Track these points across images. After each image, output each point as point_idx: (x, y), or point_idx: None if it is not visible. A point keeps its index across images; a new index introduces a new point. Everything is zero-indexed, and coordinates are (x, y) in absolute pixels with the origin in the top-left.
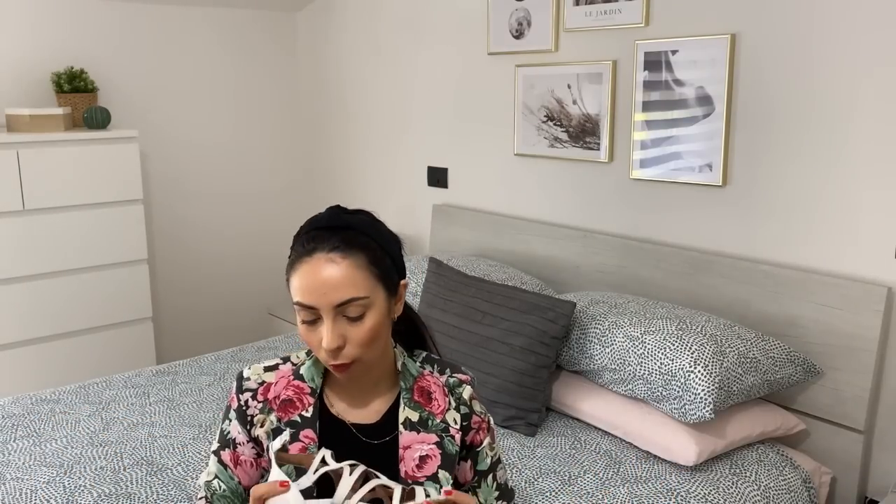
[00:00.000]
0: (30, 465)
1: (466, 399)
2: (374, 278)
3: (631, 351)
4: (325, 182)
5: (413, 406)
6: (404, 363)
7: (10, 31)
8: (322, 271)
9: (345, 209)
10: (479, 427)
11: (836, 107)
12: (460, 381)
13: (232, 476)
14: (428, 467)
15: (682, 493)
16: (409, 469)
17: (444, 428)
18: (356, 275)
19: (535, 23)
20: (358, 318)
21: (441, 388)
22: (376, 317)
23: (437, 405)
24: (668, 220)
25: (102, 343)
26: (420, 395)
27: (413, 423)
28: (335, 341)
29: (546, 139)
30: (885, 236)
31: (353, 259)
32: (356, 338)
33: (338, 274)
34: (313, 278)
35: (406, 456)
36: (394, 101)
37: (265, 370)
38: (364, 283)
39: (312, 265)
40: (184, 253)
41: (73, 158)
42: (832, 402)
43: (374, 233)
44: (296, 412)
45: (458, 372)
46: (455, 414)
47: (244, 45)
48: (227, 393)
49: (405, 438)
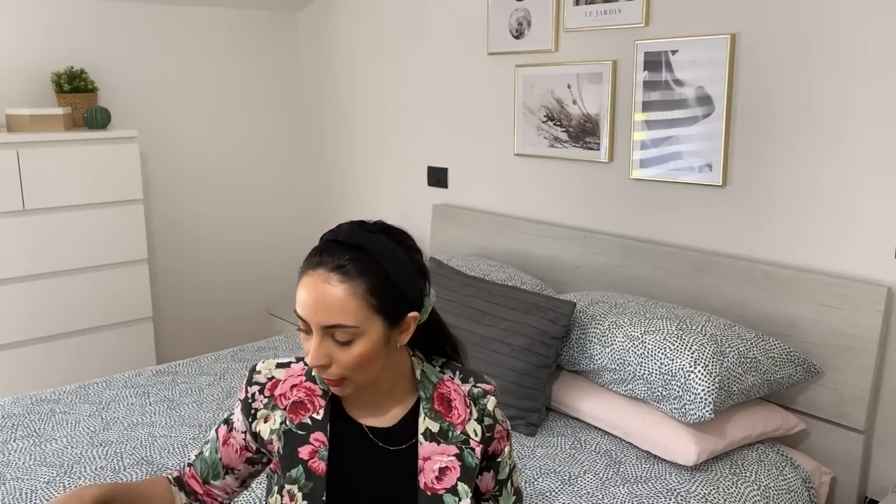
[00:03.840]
0: (30, 465)
1: (491, 410)
2: (369, 308)
3: (631, 351)
4: (325, 182)
5: (433, 416)
6: (423, 370)
7: (10, 31)
8: (317, 289)
9: (367, 226)
10: (501, 436)
11: (835, 106)
12: (485, 392)
13: (217, 449)
14: (447, 479)
15: (682, 493)
16: (429, 481)
17: (464, 440)
18: (349, 302)
19: (535, 23)
20: (345, 344)
21: (462, 397)
22: (366, 346)
23: (458, 415)
24: (668, 220)
25: (102, 343)
26: (440, 404)
27: (433, 434)
28: (318, 360)
29: (546, 139)
30: (884, 236)
31: (351, 285)
32: (341, 361)
33: (331, 297)
34: (308, 294)
35: (426, 467)
36: (394, 100)
37: (277, 366)
38: (357, 312)
39: (312, 280)
40: (184, 253)
41: (73, 158)
42: (832, 402)
43: (386, 260)
44: (307, 414)
45: (481, 381)
46: (476, 426)
47: (244, 45)
48: (227, 393)
49: (425, 450)
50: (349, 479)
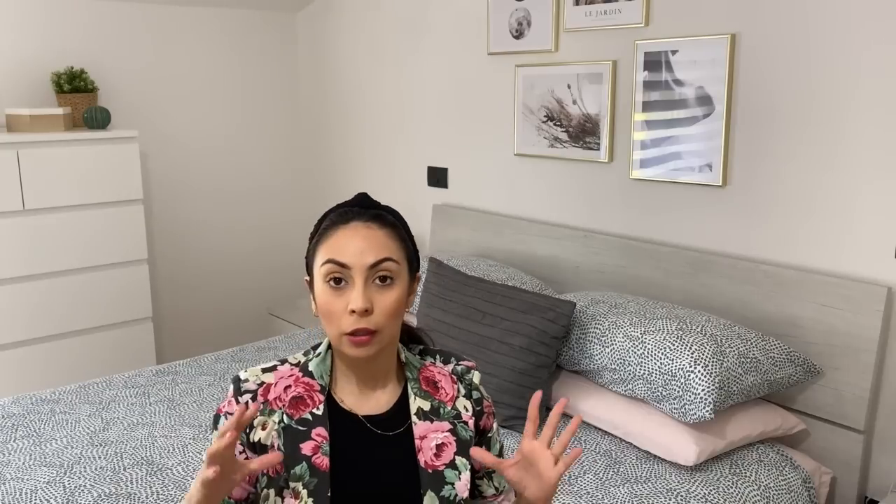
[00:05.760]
0: (30, 465)
1: (477, 384)
2: (404, 251)
3: (631, 351)
4: (325, 182)
5: (423, 395)
6: (406, 357)
7: (10, 31)
8: (362, 233)
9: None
10: (489, 411)
11: (835, 106)
12: (468, 368)
13: None
14: (445, 455)
15: (682, 493)
16: (428, 459)
17: (455, 415)
18: (391, 242)
19: (535, 23)
20: (388, 285)
21: (448, 377)
22: (401, 290)
23: (445, 393)
24: (668, 220)
25: (102, 343)
26: (427, 385)
27: (425, 413)
28: (365, 302)
29: (546, 139)
30: (884, 236)
31: (391, 230)
32: (383, 305)
33: (376, 237)
34: (351, 239)
35: (423, 446)
36: (394, 100)
37: (263, 371)
38: (398, 250)
39: (350, 230)
40: (184, 253)
41: (73, 158)
42: (832, 402)
43: (400, 221)
44: (306, 409)
45: (462, 360)
46: (466, 401)
47: (244, 45)
48: (227, 393)
49: (419, 429)
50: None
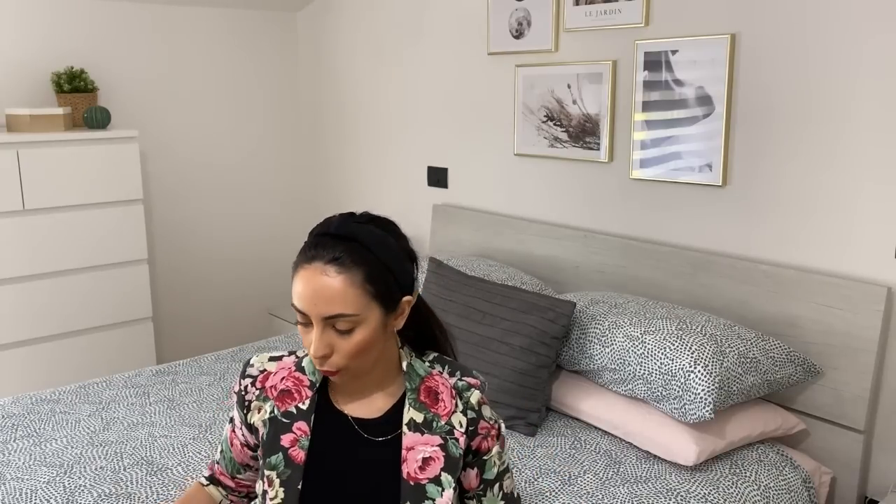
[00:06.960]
0: (30, 465)
1: (474, 404)
2: (367, 296)
3: (631, 351)
4: (325, 182)
5: (418, 407)
6: (411, 363)
7: (10, 31)
8: (316, 282)
9: (356, 217)
10: (488, 433)
11: (835, 106)
12: (469, 385)
13: (229, 448)
14: (431, 469)
15: (682, 493)
16: (412, 470)
17: (448, 430)
18: (348, 292)
19: (535, 23)
20: (346, 332)
21: (449, 390)
22: (366, 332)
23: (444, 406)
24: (668, 220)
25: (102, 343)
26: (427, 396)
27: (417, 425)
28: (321, 350)
29: (546, 139)
30: (884, 236)
31: (349, 275)
32: (343, 349)
33: (330, 288)
34: (307, 287)
35: (409, 457)
36: (394, 100)
37: (269, 359)
38: (356, 300)
39: (309, 273)
40: (184, 253)
41: (73, 158)
42: (832, 402)
43: (378, 248)
44: (293, 403)
45: (468, 375)
46: (461, 417)
47: (244, 45)
48: (227, 393)
49: (408, 440)
50: (328, 469)
